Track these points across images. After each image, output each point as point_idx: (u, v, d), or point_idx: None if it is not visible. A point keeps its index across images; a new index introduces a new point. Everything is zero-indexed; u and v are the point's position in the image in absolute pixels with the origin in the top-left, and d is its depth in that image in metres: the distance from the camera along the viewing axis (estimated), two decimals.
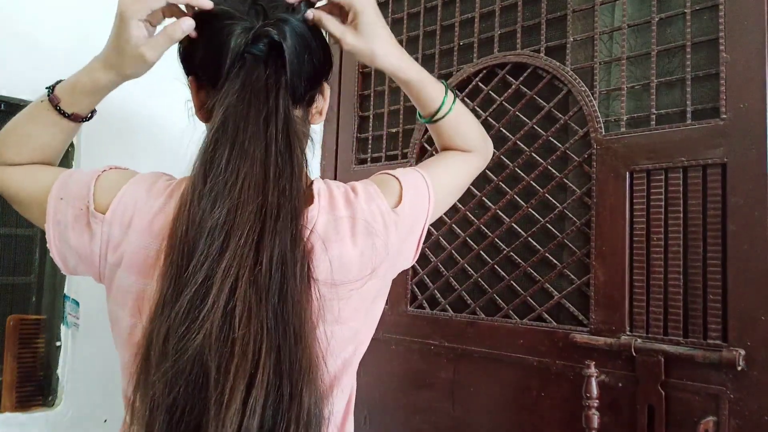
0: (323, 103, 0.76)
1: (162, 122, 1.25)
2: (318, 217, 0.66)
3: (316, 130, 1.63)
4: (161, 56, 0.68)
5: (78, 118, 0.74)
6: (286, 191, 0.61)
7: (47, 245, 0.68)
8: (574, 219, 1.16)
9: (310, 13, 0.69)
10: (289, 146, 0.63)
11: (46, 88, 0.73)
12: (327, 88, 0.76)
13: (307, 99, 0.72)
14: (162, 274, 0.59)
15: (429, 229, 1.39)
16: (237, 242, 0.57)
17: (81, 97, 0.72)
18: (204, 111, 0.70)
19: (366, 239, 0.68)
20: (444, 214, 1.36)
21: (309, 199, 0.68)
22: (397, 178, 0.77)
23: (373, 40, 0.77)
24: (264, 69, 0.64)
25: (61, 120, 0.72)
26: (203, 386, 0.55)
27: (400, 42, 1.48)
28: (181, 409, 0.55)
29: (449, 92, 0.83)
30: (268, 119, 0.63)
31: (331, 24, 0.72)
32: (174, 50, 0.76)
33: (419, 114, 0.87)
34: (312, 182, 0.71)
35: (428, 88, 0.82)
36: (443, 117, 0.83)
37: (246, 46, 0.64)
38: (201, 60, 0.68)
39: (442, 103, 0.82)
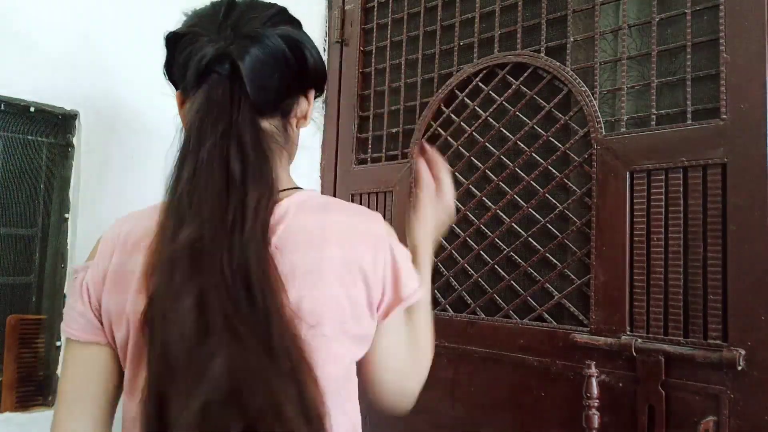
0: (307, 106, 0.76)
1: (163, 124, 1.24)
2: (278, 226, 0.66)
3: (314, 131, 1.63)
4: None
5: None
6: (248, 204, 0.61)
7: (67, 335, 0.71)
8: (575, 219, 1.16)
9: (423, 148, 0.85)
10: (252, 157, 0.63)
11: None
12: (311, 92, 0.76)
13: (281, 109, 0.72)
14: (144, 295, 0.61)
15: None
16: (210, 260, 0.58)
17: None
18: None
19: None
20: None
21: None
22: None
23: (423, 220, 0.89)
24: (228, 85, 0.64)
25: None
26: None
27: (400, 42, 1.49)
28: None
29: (422, 294, 0.77)
30: (226, 133, 0.63)
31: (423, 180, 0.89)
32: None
33: None
34: (293, 190, 0.72)
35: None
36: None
37: (210, 65, 0.64)
38: (177, 78, 0.71)
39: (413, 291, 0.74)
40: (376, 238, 0.71)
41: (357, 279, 0.68)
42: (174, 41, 0.69)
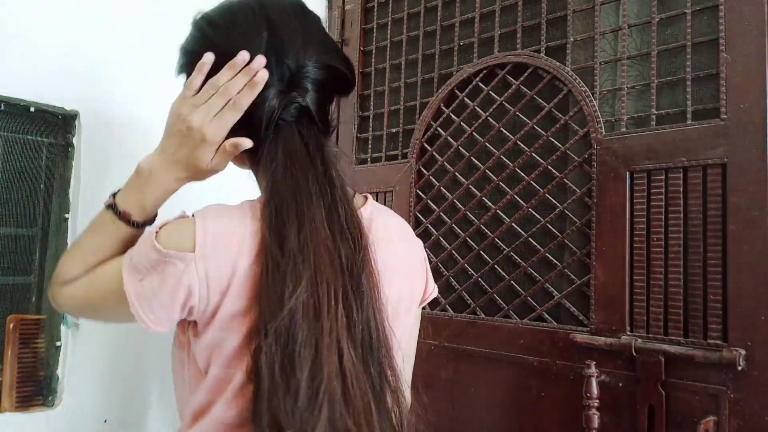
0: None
1: (163, 124, 1.24)
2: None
3: None
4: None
5: (148, 224, 0.77)
6: (357, 247, 0.66)
7: (142, 325, 0.67)
8: (575, 219, 1.16)
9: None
10: (343, 197, 0.69)
11: (106, 206, 0.76)
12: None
13: (331, 125, 0.77)
14: (258, 345, 0.62)
15: (429, 229, 1.39)
16: (328, 309, 0.61)
17: (154, 208, 0.76)
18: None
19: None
20: (444, 214, 1.37)
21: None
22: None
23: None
24: (299, 134, 0.69)
25: (130, 230, 0.75)
26: None
27: (400, 42, 1.49)
28: None
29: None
30: (320, 183, 0.67)
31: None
32: (173, 54, 0.76)
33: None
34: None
35: None
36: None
37: (277, 112, 0.68)
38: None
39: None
40: (416, 239, 0.84)
41: (418, 273, 0.81)
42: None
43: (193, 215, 0.67)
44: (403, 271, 0.76)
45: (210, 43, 0.71)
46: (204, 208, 0.68)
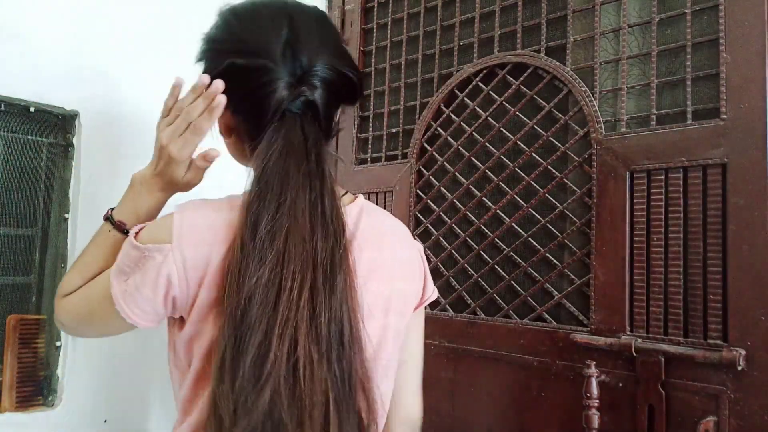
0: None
1: None
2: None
3: None
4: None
5: None
6: (337, 242, 0.66)
7: (128, 321, 0.68)
8: (575, 219, 1.16)
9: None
10: (330, 193, 0.69)
11: (104, 218, 0.80)
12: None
13: (334, 129, 0.78)
14: (220, 329, 0.62)
15: (429, 229, 1.39)
16: (288, 297, 0.61)
17: (148, 217, 0.80)
18: (233, 136, 0.76)
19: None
20: (444, 213, 1.37)
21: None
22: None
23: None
24: (301, 126, 0.70)
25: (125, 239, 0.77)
26: None
27: (400, 42, 1.49)
28: None
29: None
30: (311, 176, 0.68)
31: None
32: (173, 54, 0.76)
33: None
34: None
35: None
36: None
37: (285, 102, 0.69)
38: (240, 104, 0.72)
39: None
40: (413, 241, 0.84)
41: (413, 275, 0.81)
42: (242, 71, 0.71)
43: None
44: (391, 272, 0.76)
45: (231, 32, 0.73)
46: (184, 203, 0.70)
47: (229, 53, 0.71)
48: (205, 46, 0.76)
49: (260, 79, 0.69)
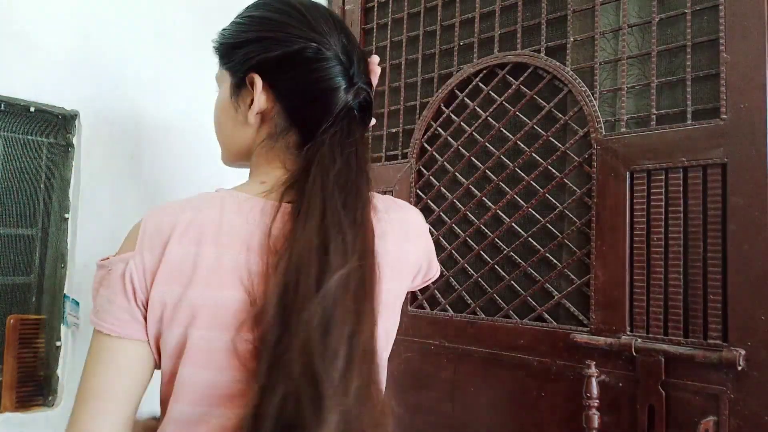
0: None
1: (164, 124, 1.25)
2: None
3: None
4: None
5: None
6: (367, 249, 0.66)
7: (115, 335, 0.65)
8: (574, 219, 1.16)
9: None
10: (366, 205, 0.68)
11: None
12: None
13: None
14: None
15: (429, 230, 1.39)
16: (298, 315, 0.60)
17: None
18: (267, 119, 0.73)
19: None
20: (444, 213, 1.37)
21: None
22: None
23: None
24: (355, 127, 0.71)
25: None
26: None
27: (400, 42, 1.49)
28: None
29: None
30: (358, 182, 0.68)
31: None
32: (173, 54, 0.76)
33: None
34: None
35: None
36: None
37: (351, 99, 0.71)
38: (292, 94, 0.71)
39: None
40: (427, 232, 0.84)
41: (422, 267, 0.82)
42: (303, 59, 0.70)
43: None
44: (398, 262, 0.75)
45: (299, 18, 0.71)
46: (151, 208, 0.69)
47: (299, 38, 0.69)
48: (260, 26, 0.72)
49: (329, 70, 0.69)
